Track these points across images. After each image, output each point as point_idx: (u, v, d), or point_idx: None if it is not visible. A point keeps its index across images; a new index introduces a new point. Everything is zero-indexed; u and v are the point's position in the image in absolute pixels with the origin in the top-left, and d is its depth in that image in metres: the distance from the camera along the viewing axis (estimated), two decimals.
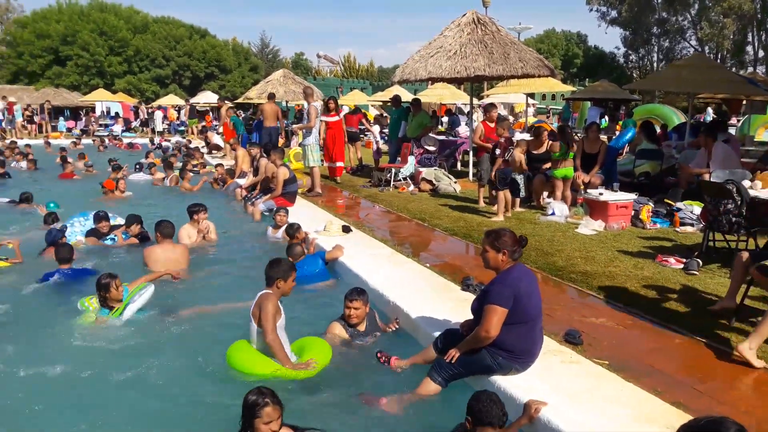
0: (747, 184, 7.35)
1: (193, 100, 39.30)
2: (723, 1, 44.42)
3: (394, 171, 12.80)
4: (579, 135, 14.07)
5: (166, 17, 50.70)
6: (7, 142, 22.52)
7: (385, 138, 17.93)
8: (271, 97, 17.29)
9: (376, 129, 18.61)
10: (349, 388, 4.20)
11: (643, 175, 11.04)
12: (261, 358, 4.32)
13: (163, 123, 33.05)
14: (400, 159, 13.26)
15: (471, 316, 4.17)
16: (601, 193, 8.77)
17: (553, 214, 9.04)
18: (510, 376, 3.87)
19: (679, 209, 8.72)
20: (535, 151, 10.04)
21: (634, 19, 52.44)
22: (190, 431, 3.80)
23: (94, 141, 25.21)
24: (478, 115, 19.11)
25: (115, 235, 7.92)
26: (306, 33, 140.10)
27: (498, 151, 9.32)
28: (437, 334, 4.43)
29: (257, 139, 16.34)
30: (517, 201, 9.79)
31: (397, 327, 5.05)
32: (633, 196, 8.79)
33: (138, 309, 5.36)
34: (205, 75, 49.23)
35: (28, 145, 20.66)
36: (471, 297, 5.31)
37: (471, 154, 13.24)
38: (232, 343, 4.52)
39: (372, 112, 31.51)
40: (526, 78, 14.12)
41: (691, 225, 8.35)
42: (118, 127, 31.08)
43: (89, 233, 7.96)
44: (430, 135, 14.56)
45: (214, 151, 20.60)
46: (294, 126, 17.88)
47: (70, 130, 31.47)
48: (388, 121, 19.57)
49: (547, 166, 9.85)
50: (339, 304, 5.07)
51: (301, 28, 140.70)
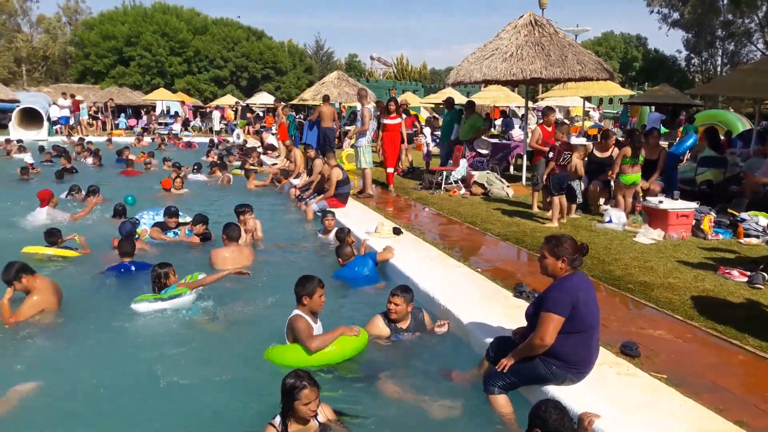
0: None
1: (249, 101, 40.17)
2: None
3: (445, 174, 12.73)
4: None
5: (224, 19, 51.97)
6: (75, 139, 23.50)
7: (437, 140, 17.87)
8: (326, 99, 17.53)
9: (428, 131, 18.57)
10: (374, 382, 4.29)
11: (705, 184, 10.65)
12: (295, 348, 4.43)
13: (220, 123, 33.86)
14: (451, 162, 13.18)
15: (524, 324, 4.10)
16: (660, 201, 8.49)
17: (610, 221, 8.81)
18: (564, 387, 3.79)
19: (743, 220, 8.37)
20: (599, 155, 9.80)
21: (697, 21, 50.52)
22: (233, 417, 3.88)
23: (154, 139, 26.07)
24: (533, 119, 18.84)
25: (178, 230, 8.18)
26: (360, 35, 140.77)
27: (551, 154, 9.15)
28: (489, 340, 4.37)
29: (307, 140, 16.54)
30: (573, 207, 9.59)
31: (445, 329, 5.02)
32: (694, 205, 8.48)
33: (180, 306, 5.49)
34: (261, 76, 50.16)
35: (90, 142, 21.51)
36: (524, 304, 5.24)
37: (525, 158, 13.04)
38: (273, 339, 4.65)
39: (423, 115, 31.46)
40: (583, 81, 13.83)
41: (756, 237, 8.01)
42: (177, 126, 32.02)
43: (156, 225, 8.26)
44: (483, 138, 14.44)
45: (269, 152, 20.95)
46: (348, 128, 18.02)
47: (131, 128, 32.59)
48: (440, 123, 19.50)
49: (613, 172, 9.57)
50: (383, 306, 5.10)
51: (355, 29, 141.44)
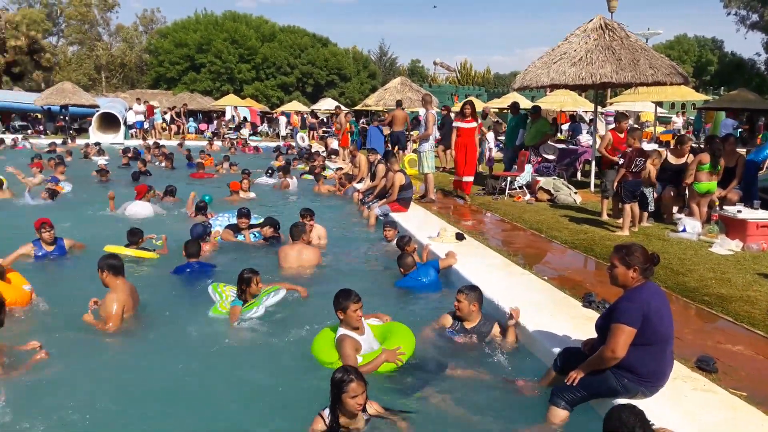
0: None
1: (314, 107, 40.89)
2: None
3: (509, 179, 12.55)
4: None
5: (292, 26, 53.13)
6: (150, 142, 24.52)
7: (500, 145, 17.66)
8: (398, 104, 18.38)
9: (491, 136, 18.36)
10: (427, 374, 4.38)
11: None
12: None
13: (286, 128, 34.60)
14: (516, 167, 12.99)
15: (593, 335, 3.98)
16: (739, 211, 8.09)
17: (684, 230, 8.45)
18: (636, 401, 3.64)
19: None
20: (674, 161, 9.44)
21: None
22: (285, 412, 3.99)
23: (223, 142, 26.91)
24: (602, 123, 18.34)
25: (243, 234, 8.40)
26: (423, 40, 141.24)
27: (622, 161, 8.87)
28: (556, 350, 4.27)
29: (372, 145, 16.72)
30: (645, 215, 9.25)
31: (514, 321, 5.00)
32: None
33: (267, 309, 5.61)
34: (326, 82, 50.98)
35: (164, 146, 22.41)
36: (593, 314, 5.12)
37: (593, 163, 12.69)
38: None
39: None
40: (656, 86, 13.36)
41: None
42: (245, 131, 32.91)
43: (228, 227, 8.50)
44: (550, 143, 14.16)
45: (332, 156, 21.24)
46: (412, 133, 18.09)
47: (202, 132, 33.71)
48: (503, 128, 19.26)
49: (686, 179, 9.19)
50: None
51: (419, 35, 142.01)
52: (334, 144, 23.01)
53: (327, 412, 3.53)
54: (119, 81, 56.54)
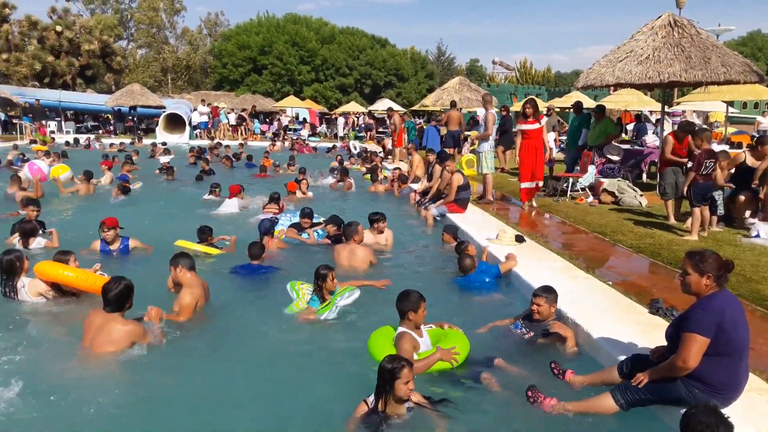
0: None
1: (371, 108, 41.15)
2: None
3: (571, 181, 12.27)
4: None
5: (351, 28, 53.62)
6: (214, 142, 25.27)
7: (562, 146, 17.30)
8: (453, 104, 18.38)
9: (551, 136, 18.02)
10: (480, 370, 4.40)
11: None
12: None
13: (344, 129, 34.97)
14: (578, 168, 12.68)
15: (660, 342, 3.85)
16: None
17: (757, 236, 8.05)
18: None
19: None
20: (752, 163, 9.03)
21: None
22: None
23: (283, 143, 27.46)
24: (669, 123, 17.70)
25: (307, 232, 8.53)
26: (482, 39, 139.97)
27: (691, 164, 8.52)
28: (622, 357, 4.14)
29: (429, 144, 16.69)
30: (714, 219, 8.87)
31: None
32: None
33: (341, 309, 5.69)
34: (384, 83, 51.20)
35: (228, 146, 23.03)
36: (659, 321, 4.95)
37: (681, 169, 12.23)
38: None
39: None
40: (728, 84, 12.78)
41: None
42: (305, 132, 33.46)
43: (292, 226, 8.69)
44: (614, 144, 13.76)
45: (389, 156, 21.32)
46: (470, 133, 17.98)
47: (263, 132, 34.48)
48: (565, 128, 18.87)
49: (755, 179, 8.79)
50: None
51: (477, 34, 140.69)
52: (391, 144, 23.10)
53: (371, 398, 3.66)
54: (184, 83, 58.47)
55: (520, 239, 7.89)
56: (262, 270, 6.94)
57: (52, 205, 11.02)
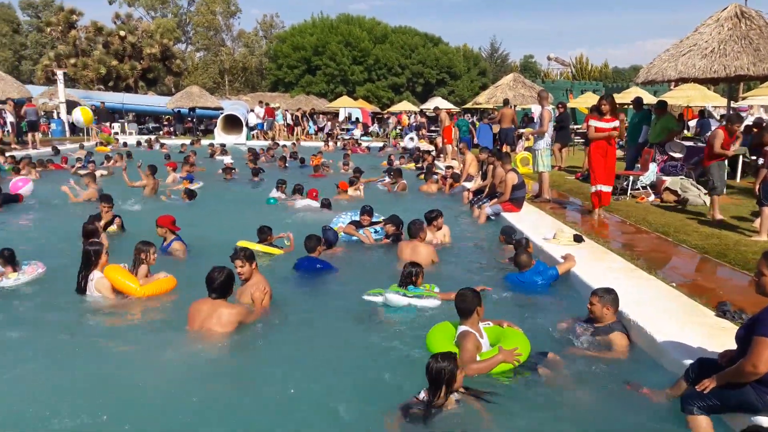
0: None
1: (423, 106, 41.06)
2: None
3: (632, 179, 11.93)
4: None
5: (403, 27, 53.62)
6: (271, 143, 25.73)
7: (620, 143, 16.83)
8: (506, 102, 18.26)
9: None
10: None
11: None
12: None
13: (396, 128, 35.02)
14: (639, 166, 12.32)
15: (727, 346, 3.70)
16: None
17: None
18: None
19: None
20: None
21: None
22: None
23: (336, 143, 27.74)
24: None
25: (365, 231, 8.60)
26: (536, 35, 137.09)
27: (762, 161, 8.15)
28: (687, 361, 4.01)
29: (481, 142, 16.61)
30: None
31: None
32: None
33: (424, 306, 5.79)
34: (436, 81, 51.01)
35: (285, 146, 23.45)
36: (727, 324, 4.78)
37: (725, 162, 11.75)
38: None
39: None
40: None
41: None
42: (357, 132, 33.69)
43: (351, 223, 8.82)
44: (676, 140, 13.31)
45: (441, 155, 21.25)
46: (525, 131, 17.75)
47: (317, 133, 34.89)
48: (624, 124, 18.36)
49: None
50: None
51: (532, 30, 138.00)
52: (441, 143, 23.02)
53: (422, 394, 3.75)
54: (241, 84, 59.74)
55: (578, 239, 7.73)
56: (317, 263, 7.02)
57: (126, 202, 11.41)
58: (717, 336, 4.52)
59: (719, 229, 8.54)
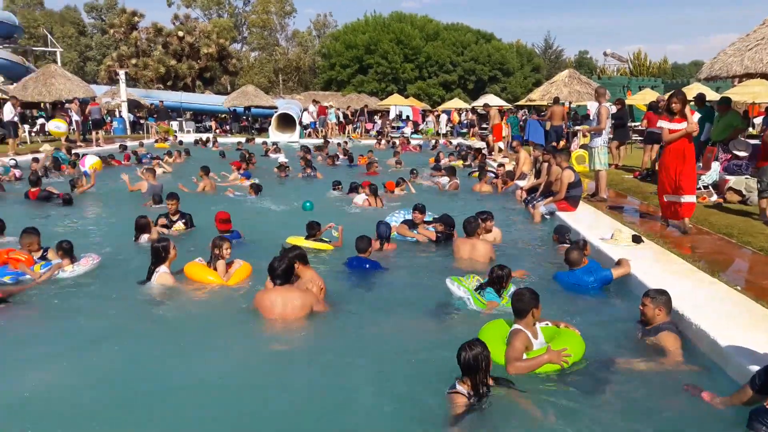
0: None
1: (474, 104, 40.71)
2: None
3: None
4: None
5: (455, 24, 53.28)
6: (337, 141, 26.04)
7: None
8: (556, 100, 18.43)
9: None
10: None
11: None
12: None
13: (446, 126, 34.86)
14: (701, 165, 11.89)
15: None
16: None
17: None
18: None
19: None
20: None
21: None
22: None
23: (387, 141, 27.83)
24: None
25: (419, 230, 8.60)
26: (592, 31, 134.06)
27: None
28: (753, 368, 3.86)
29: (531, 138, 16.38)
30: None
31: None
32: None
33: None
34: (488, 78, 50.49)
35: (340, 143, 23.66)
36: None
37: None
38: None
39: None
40: None
41: None
42: (408, 130, 33.68)
43: (404, 222, 8.80)
44: (741, 138, 12.77)
45: (493, 153, 21.05)
46: (581, 128, 17.41)
47: (368, 131, 35.06)
48: None
49: None
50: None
51: (587, 26, 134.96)
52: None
53: (459, 387, 3.82)
54: (294, 84, 60.62)
55: (637, 239, 7.52)
56: (366, 263, 7.04)
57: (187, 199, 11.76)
58: None
59: None
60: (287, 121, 30.37)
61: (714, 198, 10.83)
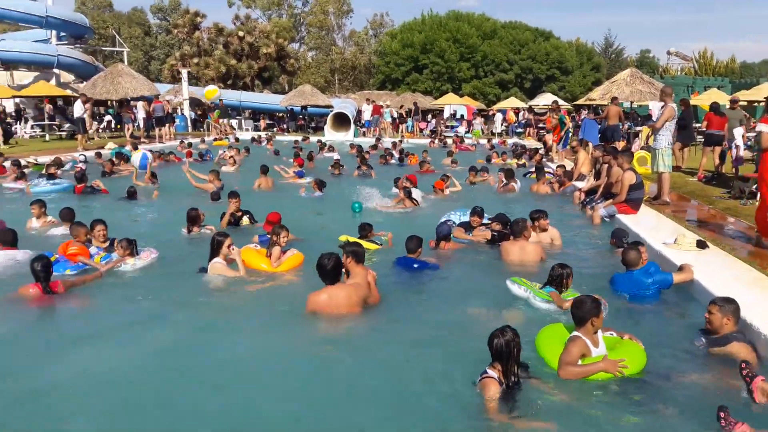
0: None
1: (531, 103, 40.09)
2: None
3: None
4: None
5: (513, 22, 52.52)
6: (374, 140, 26.24)
7: (750, 143, 15.59)
8: (614, 100, 18.11)
9: (739, 132, 16.26)
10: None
11: None
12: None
13: (501, 125, 34.45)
14: None
15: None
16: None
17: None
18: None
19: None
20: None
21: None
22: None
23: (442, 140, 27.75)
24: None
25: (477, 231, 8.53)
26: (655, 28, 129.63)
27: None
28: None
29: (586, 137, 15.99)
30: None
31: None
32: None
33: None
34: (546, 77, 49.59)
35: (394, 142, 23.76)
36: None
37: None
38: None
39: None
40: None
41: None
42: (462, 129, 33.47)
43: (460, 224, 8.75)
44: None
45: (550, 153, 20.68)
46: (642, 128, 16.95)
47: (421, 130, 35.03)
48: (753, 123, 17.00)
49: None
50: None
51: (649, 24, 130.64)
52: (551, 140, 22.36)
53: (492, 372, 3.90)
54: (350, 83, 61.10)
55: (702, 245, 7.24)
56: (414, 263, 7.00)
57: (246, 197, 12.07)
58: None
59: None
60: (342, 121, 30.66)
61: None
